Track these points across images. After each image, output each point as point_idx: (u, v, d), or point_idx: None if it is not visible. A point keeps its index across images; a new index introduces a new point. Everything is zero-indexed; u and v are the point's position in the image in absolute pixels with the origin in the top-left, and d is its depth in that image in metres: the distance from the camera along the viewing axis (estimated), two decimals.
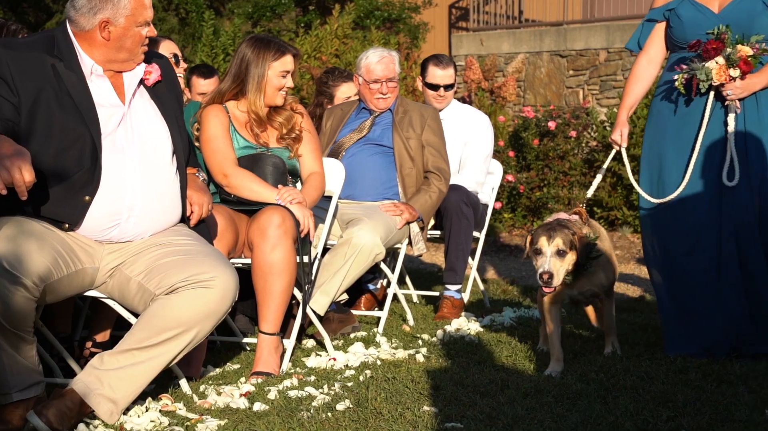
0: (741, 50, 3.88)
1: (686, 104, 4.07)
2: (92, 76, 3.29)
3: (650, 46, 4.24)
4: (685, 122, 4.07)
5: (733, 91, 3.94)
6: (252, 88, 4.17)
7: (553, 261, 3.69)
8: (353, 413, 3.29)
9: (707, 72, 3.90)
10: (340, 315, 4.70)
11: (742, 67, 3.88)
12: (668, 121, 4.11)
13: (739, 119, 4.00)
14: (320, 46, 10.09)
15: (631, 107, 4.28)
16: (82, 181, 3.20)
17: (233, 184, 4.09)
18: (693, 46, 3.99)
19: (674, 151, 4.09)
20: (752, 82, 3.95)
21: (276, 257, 3.91)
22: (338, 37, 10.23)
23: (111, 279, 3.35)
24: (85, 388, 3.13)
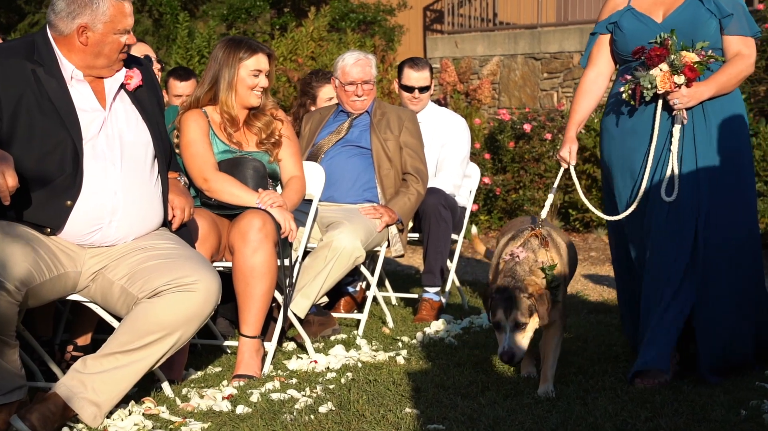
0: (686, 57, 3.72)
1: (635, 116, 3.92)
2: (73, 81, 3.29)
3: (598, 59, 4.08)
4: (634, 135, 3.91)
5: (679, 100, 3.76)
6: (224, 87, 4.18)
7: (512, 337, 3.49)
8: (336, 415, 3.32)
9: (651, 79, 3.74)
10: (321, 318, 4.72)
11: (687, 73, 3.71)
12: (618, 136, 3.96)
13: (687, 130, 3.83)
14: (296, 48, 10.10)
15: (579, 123, 4.10)
16: (64, 186, 3.20)
17: (213, 188, 4.09)
18: (636, 52, 3.84)
19: (626, 165, 3.94)
20: (699, 91, 3.76)
21: (257, 260, 3.92)
22: (314, 39, 10.24)
23: (93, 283, 3.35)
24: (69, 392, 3.13)
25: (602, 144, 4.07)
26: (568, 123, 4.12)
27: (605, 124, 4.04)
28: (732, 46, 3.84)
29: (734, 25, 3.83)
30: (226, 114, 4.20)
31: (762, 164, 7.95)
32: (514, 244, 3.73)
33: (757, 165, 7.97)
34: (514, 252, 3.66)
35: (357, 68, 5.07)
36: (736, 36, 3.83)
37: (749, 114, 8.44)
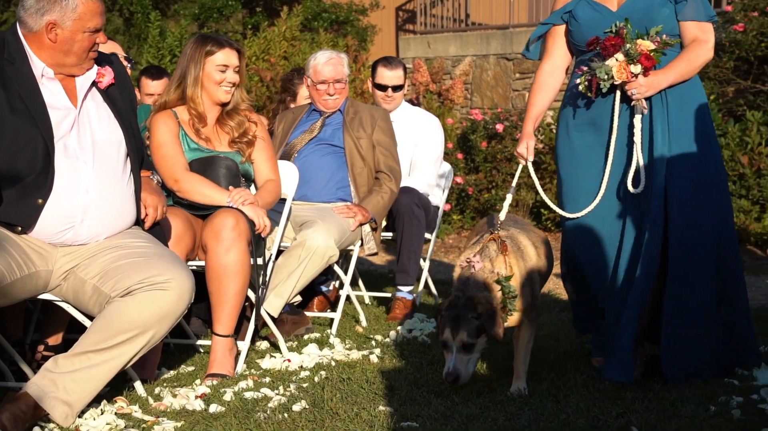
0: (641, 45, 3.60)
1: (594, 109, 3.79)
2: (43, 79, 3.26)
3: (553, 51, 3.95)
4: (594, 129, 3.79)
5: (637, 90, 3.64)
6: (190, 82, 4.18)
7: (458, 358, 3.39)
8: (309, 413, 3.32)
9: (607, 70, 3.62)
10: (294, 317, 4.71)
11: (643, 62, 3.60)
12: (576, 130, 3.83)
13: (648, 120, 3.72)
14: (268, 47, 10.06)
15: (537, 118, 3.94)
16: (35, 184, 3.18)
17: (184, 189, 4.08)
18: (591, 43, 3.71)
19: (587, 160, 3.81)
20: (657, 79, 3.65)
21: (230, 259, 3.91)
22: (286, 39, 10.21)
23: (65, 282, 3.32)
24: (40, 391, 3.10)
25: (559, 139, 3.92)
26: (525, 118, 3.98)
27: (562, 117, 3.90)
28: (688, 31, 3.74)
29: (689, 10, 3.73)
30: (193, 110, 4.19)
31: (731, 164, 8.04)
32: (472, 250, 3.63)
33: (726, 165, 8.05)
34: (471, 260, 3.56)
35: (329, 67, 5.07)
36: (691, 21, 3.73)
37: (718, 115, 8.53)
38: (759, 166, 7.92)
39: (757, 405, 3.36)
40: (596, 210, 3.77)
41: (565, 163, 3.88)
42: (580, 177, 3.83)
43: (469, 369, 3.41)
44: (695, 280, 3.71)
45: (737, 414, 3.26)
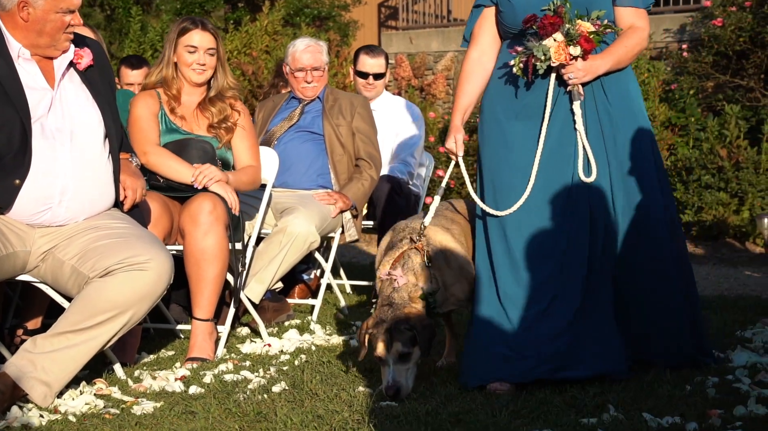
0: (581, 26, 3.39)
1: (526, 96, 3.52)
2: (20, 60, 3.26)
3: (481, 36, 3.65)
4: (525, 115, 3.52)
5: (574, 74, 3.42)
6: (165, 62, 4.24)
7: (396, 370, 3.27)
8: (289, 394, 3.33)
9: (545, 50, 3.37)
10: (275, 304, 4.72)
11: (583, 44, 3.38)
12: (504, 117, 3.55)
13: (589, 107, 3.51)
14: (250, 42, 10.05)
15: (465, 110, 3.66)
16: (12, 165, 3.17)
17: (152, 162, 4.09)
18: (528, 20, 3.43)
19: (516, 151, 3.52)
20: (595, 64, 3.45)
21: (208, 243, 3.92)
22: (268, 33, 10.21)
23: (43, 263, 3.32)
24: (18, 372, 3.10)
25: (485, 127, 3.60)
26: (453, 111, 3.69)
27: (488, 104, 3.61)
28: (625, 18, 3.57)
29: None
30: (168, 90, 4.22)
31: (710, 157, 8.10)
32: (391, 259, 3.47)
33: (705, 158, 8.12)
34: (392, 275, 3.41)
35: (307, 54, 5.08)
36: (628, 8, 3.57)
37: (697, 109, 8.60)
38: (737, 159, 7.99)
39: (732, 384, 3.40)
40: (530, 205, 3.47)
41: (493, 153, 3.56)
42: (512, 169, 3.52)
43: (408, 380, 3.30)
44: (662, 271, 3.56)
45: (712, 393, 3.29)
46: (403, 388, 3.26)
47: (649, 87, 8.59)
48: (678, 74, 9.13)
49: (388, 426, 2.93)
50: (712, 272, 6.99)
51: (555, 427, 2.91)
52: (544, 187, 3.49)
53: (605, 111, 3.53)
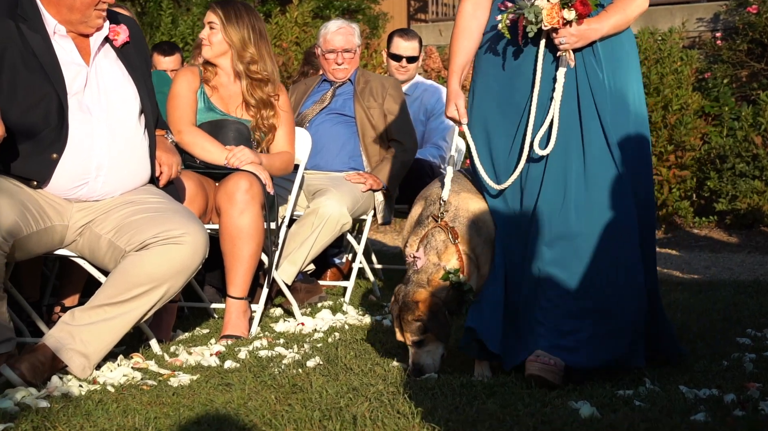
0: None
1: (515, 57, 3.26)
2: (56, 36, 3.30)
3: None
4: (514, 80, 3.25)
5: (566, 39, 3.15)
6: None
7: (416, 353, 3.21)
8: (323, 369, 3.34)
9: (537, 11, 3.11)
10: (308, 286, 4.73)
11: (578, 8, 3.11)
12: (494, 80, 3.29)
13: (581, 75, 3.22)
14: (280, 34, 10.10)
15: (462, 69, 3.36)
16: (50, 139, 3.21)
17: (185, 141, 4.13)
18: None
19: (503, 118, 3.28)
20: (590, 29, 3.17)
21: (244, 222, 3.94)
22: (298, 25, 10.25)
23: (81, 238, 3.35)
24: (57, 343, 3.14)
25: (475, 89, 3.36)
26: (449, 73, 3.39)
27: (480, 64, 3.34)
28: None
29: None
30: (205, 71, 4.27)
31: (744, 145, 8.02)
32: (415, 239, 3.30)
33: (740, 146, 8.04)
34: (414, 256, 3.26)
35: (338, 36, 5.09)
36: None
37: (731, 98, 8.51)
38: None
39: None
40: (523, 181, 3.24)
41: (483, 119, 3.32)
42: (500, 137, 3.29)
43: (429, 359, 3.22)
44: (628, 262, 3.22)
45: (750, 368, 3.26)
46: (426, 368, 3.21)
47: (683, 76, 8.52)
48: (712, 63, 9.05)
49: (422, 397, 2.93)
50: (746, 259, 6.94)
51: (590, 399, 2.89)
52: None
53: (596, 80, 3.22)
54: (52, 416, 2.74)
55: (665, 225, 8.38)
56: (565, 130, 3.20)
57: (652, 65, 8.55)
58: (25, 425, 2.65)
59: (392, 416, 2.71)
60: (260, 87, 4.25)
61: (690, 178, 8.32)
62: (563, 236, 3.16)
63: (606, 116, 3.20)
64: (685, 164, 8.33)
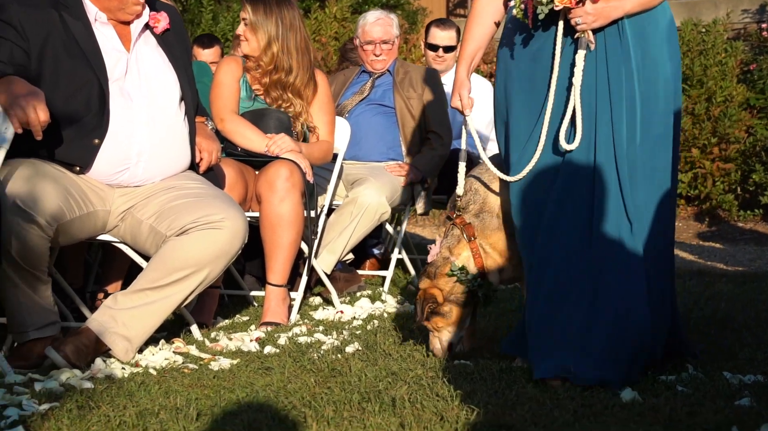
0: None
1: (535, 42, 3.02)
2: (97, 24, 3.34)
3: None
4: (534, 67, 3.02)
5: (582, 19, 2.89)
6: None
7: (430, 337, 3.33)
8: (362, 354, 3.34)
9: None
10: (346, 275, 4.74)
11: None
12: (515, 68, 3.06)
13: (599, 58, 2.95)
14: (319, 29, 10.14)
15: (473, 57, 3.17)
16: (91, 125, 3.25)
17: (227, 129, 4.15)
18: None
19: (523, 108, 3.05)
20: (609, 7, 2.89)
21: (284, 209, 3.96)
22: (337, 20, 10.28)
23: (123, 223, 3.39)
24: (100, 327, 3.18)
25: (497, 80, 3.15)
26: (458, 60, 3.22)
27: (501, 51, 3.13)
28: None
29: None
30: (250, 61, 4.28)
31: None
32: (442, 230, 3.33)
33: None
34: (429, 247, 3.34)
35: (377, 27, 5.09)
36: None
37: None
38: None
39: None
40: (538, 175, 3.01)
41: (504, 109, 3.12)
42: (518, 127, 3.08)
43: (436, 344, 3.29)
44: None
45: None
46: (435, 351, 3.30)
47: (727, 67, 8.41)
48: (757, 54, 8.91)
49: (461, 382, 2.92)
50: None
51: (633, 385, 2.86)
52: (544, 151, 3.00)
53: (618, 63, 2.94)
54: (96, 396, 2.78)
55: (709, 218, 8.28)
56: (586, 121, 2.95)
57: (696, 57, 8.45)
58: (70, 404, 2.69)
59: (431, 398, 2.71)
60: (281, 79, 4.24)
61: (734, 171, 8.21)
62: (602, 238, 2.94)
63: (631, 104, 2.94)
64: (730, 157, 8.22)
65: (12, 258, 3.05)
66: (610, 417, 2.54)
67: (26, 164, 3.18)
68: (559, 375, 2.85)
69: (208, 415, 2.63)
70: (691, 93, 8.27)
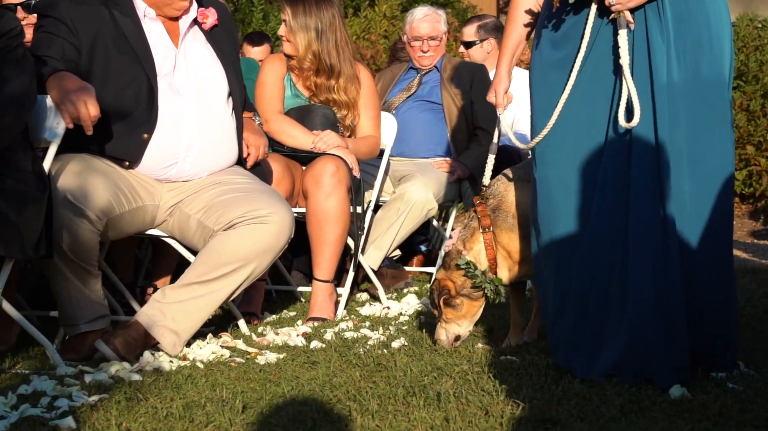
0: None
1: (567, 24, 2.88)
2: (146, 20, 3.38)
3: None
4: (564, 49, 2.88)
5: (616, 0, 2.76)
6: None
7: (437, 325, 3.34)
8: (408, 349, 3.34)
9: None
10: (393, 271, 4.74)
11: None
12: (548, 53, 2.94)
13: (639, 39, 2.80)
14: (369, 27, 10.15)
15: (515, 50, 3.08)
16: (140, 120, 3.30)
17: (272, 129, 4.18)
18: None
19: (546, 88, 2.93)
20: None
21: (330, 205, 3.98)
22: (387, 18, 10.29)
23: (171, 218, 3.43)
24: (149, 320, 3.22)
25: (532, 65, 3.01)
26: (500, 55, 3.14)
27: (536, 39, 3.00)
28: None
29: None
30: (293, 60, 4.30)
31: None
32: (460, 219, 3.32)
33: None
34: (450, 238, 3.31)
35: (424, 23, 5.09)
36: None
37: None
38: None
39: None
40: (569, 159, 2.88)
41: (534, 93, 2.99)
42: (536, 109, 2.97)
43: (442, 335, 3.30)
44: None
45: None
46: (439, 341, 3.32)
47: None
48: None
49: (507, 377, 2.90)
50: None
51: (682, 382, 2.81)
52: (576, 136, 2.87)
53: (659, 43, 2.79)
54: (144, 388, 2.82)
55: (764, 216, 8.12)
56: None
57: (751, 53, 8.28)
58: (119, 396, 2.73)
59: (476, 393, 2.70)
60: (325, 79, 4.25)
61: None
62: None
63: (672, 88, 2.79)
64: None
65: (63, 252, 3.10)
66: (658, 413, 2.51)
67: (77, 159, 3.23)
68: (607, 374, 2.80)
69: (253, 408, 2.64)
70: (746, 89, 8.11)
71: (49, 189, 3.03)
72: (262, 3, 11.04)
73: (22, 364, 3.20)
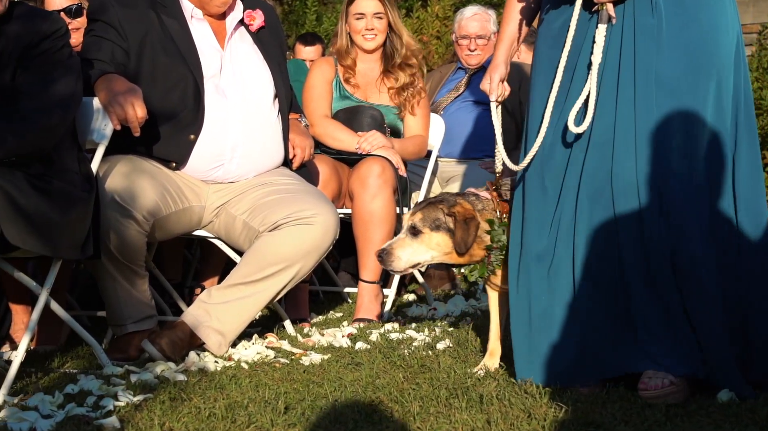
0: None
1: (559, 19, 2.76)
2: (193, 21, 3.41)
3: None
4: (555, 45, 2.75)
5: None
6: (339, 34, 4.34)
7: (400, 239, 2.88)
8: (453, 351, 3.32)
9: None
10: (441, 272, 4.73)
11: None
12: (542, 50, 2.82)
13: (627, 34, 2.65)
14: (421, 27, 10.15)
15: (512, 40, 2.94)
16: (187, 120, 3.33)
17: (318, 133, 4.20)
18: None
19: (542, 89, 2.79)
20: None
21: (376, 206, 3.98)
22: (439, 18, 10.28)
23: (217, 219, 3.46)
24: (195, 321, 3.25)
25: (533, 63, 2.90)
26: (497, 42, 3.01)
27: (538, 35, 2.89)
28: None
29: None
30: (342, 61, 4.30)
31: None
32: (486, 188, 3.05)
33: None
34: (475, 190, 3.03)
35: (473, 22, 5.07)
36: None
37: None
38: None
39: None
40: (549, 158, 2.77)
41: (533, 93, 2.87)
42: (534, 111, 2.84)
43: (400, 255, 2.85)
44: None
45: None
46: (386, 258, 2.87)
47: None
48: None
49: None
50: None
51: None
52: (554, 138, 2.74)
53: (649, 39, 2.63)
54: (188, 388, 2.84)
55: None
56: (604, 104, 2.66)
57: None
58: (163, 396, 2.76)
59: (519, 396, 2.67)
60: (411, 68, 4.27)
61: None
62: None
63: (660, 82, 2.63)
64: None
65: (110, 253, 3.15)
66: (705, 418, 2.45)
67: (124, 160, 3.28)
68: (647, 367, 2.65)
69: (296, 409, 2.65)
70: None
71: (97, 190, 3.07)
72: (315, 4, 11.11)
73: (71, 364, 3.25)
